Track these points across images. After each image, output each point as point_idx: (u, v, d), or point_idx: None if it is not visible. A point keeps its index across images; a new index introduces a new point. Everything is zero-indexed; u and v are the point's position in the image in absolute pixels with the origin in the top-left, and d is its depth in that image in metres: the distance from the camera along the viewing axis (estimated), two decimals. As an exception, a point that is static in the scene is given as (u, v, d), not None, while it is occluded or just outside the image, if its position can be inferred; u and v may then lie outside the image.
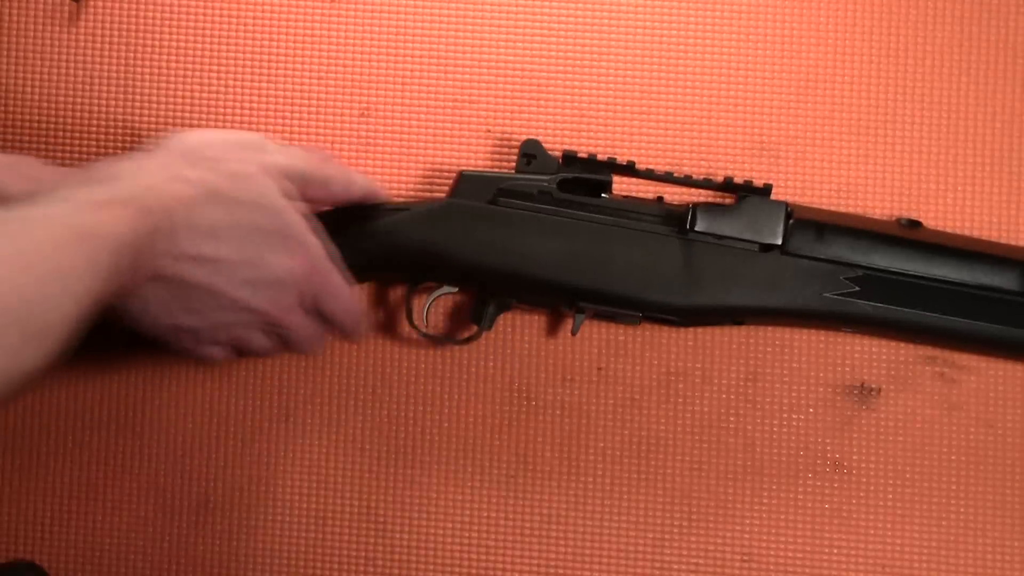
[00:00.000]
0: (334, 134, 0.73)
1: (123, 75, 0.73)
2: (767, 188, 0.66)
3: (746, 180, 0.66)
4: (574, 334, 0.67)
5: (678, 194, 0.69)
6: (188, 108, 0.73)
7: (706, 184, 0.66)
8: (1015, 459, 0.70)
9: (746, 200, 0.65)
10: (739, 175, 0.72)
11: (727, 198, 0.68)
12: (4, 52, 0.73)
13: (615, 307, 0.66)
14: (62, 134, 0.73)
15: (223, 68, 0.73)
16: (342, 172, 0.64)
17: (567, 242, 0.65)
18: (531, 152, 0.67)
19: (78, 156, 0.73)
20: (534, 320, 0.72)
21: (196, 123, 0.73)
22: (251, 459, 0.72)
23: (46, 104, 0.73)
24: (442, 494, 0.72)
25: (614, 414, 0.71)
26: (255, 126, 0.73)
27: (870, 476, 0.71)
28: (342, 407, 0.72)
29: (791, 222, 0.65)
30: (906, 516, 0.70)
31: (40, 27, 0.73)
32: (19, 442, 0.72)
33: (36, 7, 0.73)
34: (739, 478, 0.71)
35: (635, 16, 0.73)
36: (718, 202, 0.67)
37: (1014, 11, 0.72)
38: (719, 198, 0.68)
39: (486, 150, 0.72)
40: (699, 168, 0.72)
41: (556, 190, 0.66)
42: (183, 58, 0.73)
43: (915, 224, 0.68)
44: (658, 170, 0.66)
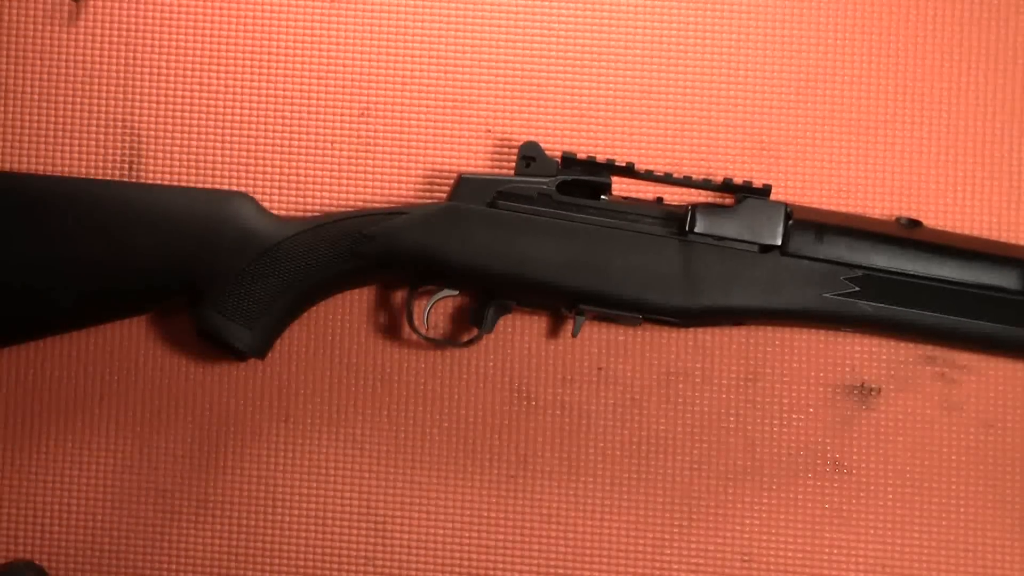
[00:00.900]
0: (334, 133, 0.73)
1: (122, 75, 0.73)
2: (766, 189, 0.66)
3: (745, 181, 0.66)
4: (575, 336, 0.67)
5: (678, 195, 0.69)
6: (187, 108, 0.73)
7: (705, 185, 0.66)
8: (1014, 459, 0.71)
9: (745, 201, 0.65)
10: (739, 175, 0.72)
11: (727, 199, 0.68)
12: (4, 51, 0.73)
13: (615, 309, 0.66)
14: (61, 133, 0.73)
15: (223, 68, 0.73)
16: None
17: (567, 245, 0.65)
18: (530, 154, 0.67)
19: (77, 155, 0.73)
20: (534, 320, 0.72)
21: (195, 122, 0.73)
22: (251, 459, 0.72)
23: (45, 103, 0.73)
24: (442, 494, 0.72)
25: (614, 414, 0.71)
26: (255, 125, 0.73)
27: (870, 476, 0.71)
28: (342, 407, 0.72)
29: (790, 223, 0.66)
30: (906, 515, 0.70)
31: (39, 27, 0.73)
32: (19, 442, 0.72)
33: (35, 7, 0.73)
34: (739, 478, 0.71)
35: (635, 16, 0.73)
36: (718, 203, 0.67)
37: (1013, 12, 0.72)
38: (719, 199, 0.68)
39: (486, 149, 0.72)
40: (699, 167, 0.72)
41: (556, 192, 0.66)
42: (182, 58, 0.73)
43: (915, 223, 0.68)
44: (657, 171, 0.66)
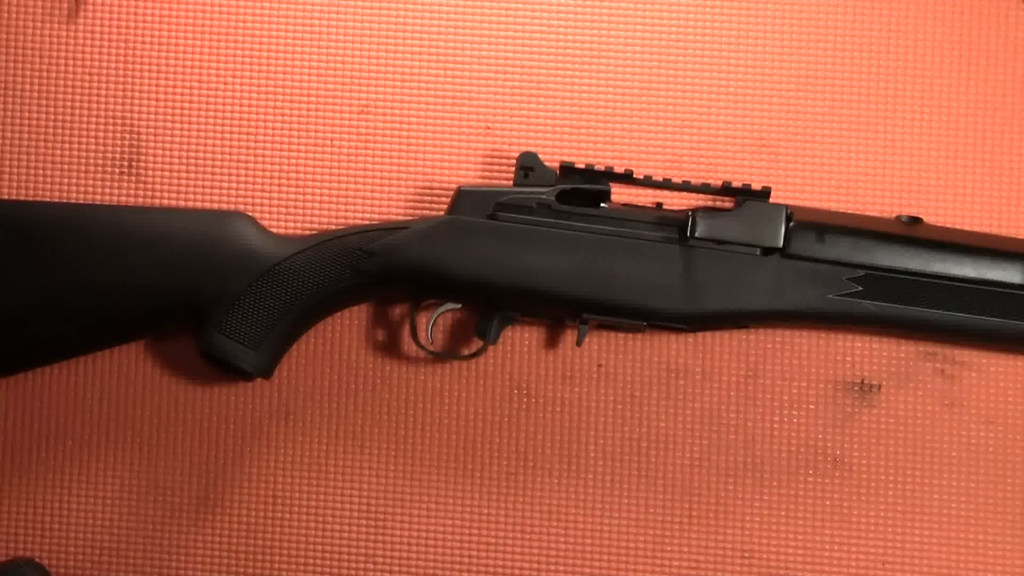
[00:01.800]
0: (333, 131, 0.73)
1: (122, 73, 0.73)
2: (766, 191, 0.65)
3: (744, 184, 0.66)
4: (579, 345, 0.67)
5: (678, 199, 0.69)
6: (186, 106, 0.73)
7: (704, 189, 0.66)
8: (1014, 455, 0.71)
9: (745, 204, 0.65)
10: (739, 173, 0.72)
11: (726, 202, 0.68)
12: (3, 50, 0.73)
13: (619, 317, 0.65)
14: (61, 132, 0.73)
15: (222, 66, 0.73)
16: None
17: (568, 254, 0.65)
18: (528, 165, 0.67)
19: (77, 155, 0.73)
20: (535, 322, 0.71)
21: (194, 121, 0.73)
22: (251, 457, 0.72)
23: (45, 102, 0.73)
24: (442, 491, 0.72)
25: (614, 411, 0.71)
26: (255, 124, 0.73)
27: (870, 472, 0.71)
28: (342, 405, 0.72)
29: (791, 225, 0.65)
30: (906, 512, 0.71)
31: (38, 25, 0.73)
32: (19, 441, 0.72)
33: (35, 6, 0.73)
34: (739, 475, 0.71)
35: (633, 14, 0.73)
36: (718, 207, 0.67)
37: (1014, 8, 0.72)
38: (718, 202, 0.68)
39: (485, 149, 0.72)
40: (699, 165, 0.72)
41: (555, 202, 0.66)
42: (181, 56, 0.73)
43: (916, 221, 0.68)
44: (656, 176, 0.66)
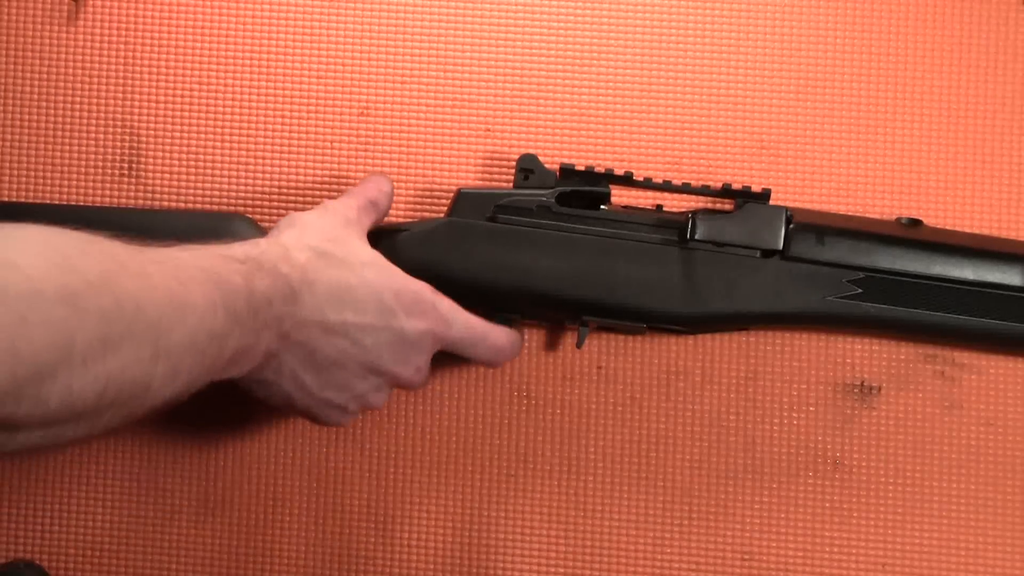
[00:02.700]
0: (333, 133, 0.73)
1: (122, 75, 0.73)
2: (766, 193, 0.65)
3: (744, 186, 0.66)
4: (579, 347, 0.67)
5: (678, 201, 0.69)
6: (186, 108, 0.73)
7: (704, 191, 0.66)
8: (1015, 458, 0.71)
9: (746, 207, 0.65)
10: (738, 175, 0.72)
11: (727, 204, 0.68)
12: (2, 52, 0.73)
13: (619, 319, 0.66)
14: (61, 133, 0.73)
15: (222, 67, 0.73)
16: (376, 183, 0.66)
17: (568, 257, 0.65)
18: (528, 167, 0.67)
19: (76, 157, 0.73)
20: (535, 324, 0.71)
21: (194, 123, 0.73)
22: (251, 458, 0.72)
23: (44, 104, 0.73)
24: (442, 493, 0.72)
25: (614, 413, 0.71)
26: (255, 126, 0.73)
27: (870, 475, 0.71)
28: (342, 406, 0.72)
29: (791, 227, 0.65)
30: (906, 515, 0.70)
31: (38, 27, 0.73)
32: (19, 442, 0.72)
33: (34, 6, 0.73)
34: (739, 477, 0.71)
35: (634, 18, 0.73)
36: (718, 208, 0.67)
37: (1014, 9, 0.72)
38: (718, 204, 0.68)
39: (485, 151, 0.72)
40: (698, 166, 0.72)
41: (555, 204, 0.66)
42: (181, 57, 0.73)
43: (916, 223, 0.68)
44: (656, 179, 0.66)
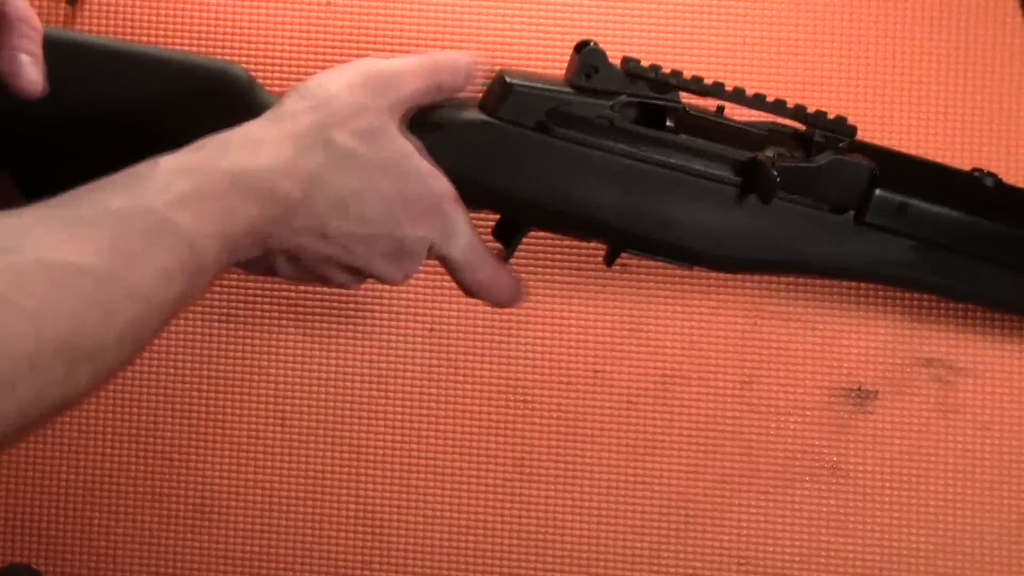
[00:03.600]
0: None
1: (118, 78, 0.73)
2: (844, 127, 0.58)
3: (819, 110, 0.58)
4: (610, 265, 0.61)
5: (741, 112, 0.60)
6: (183, 111, 0.73)
7: (779, 109, 0.58)
8: (1012, 462, 0.70)
9: (831, 161, 0.58)
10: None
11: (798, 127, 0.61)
12: None
13: (668, 258, 0.58)
14: (57, 137, 0.73)
15: (218, 71, 0.73)
16: (452, 63, 0.55)
17: (628, 188, 0.56)
18: (593, 63, 0.56)
19: (73, 160, 0.73)
20: (531, 322, 0.71)
21: (192, 126, 0.73)
22: (247, 463, 0.72)
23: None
24: (439, 497, 0.72)
25: (611, 417, 0.71)
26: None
27: (867, 479, 0.71)
28: (338, 410, 0.72)
29: (874, 191, 0.59)
30: (903, 519, 0.70)
31: (35, 30, 0.73)
32: (15, 446, 0.72)
33: (32, 7, 0.73)
34: (736, 482, 0.71)
35: (633, 20, 0.73)
36: (796, 157, 0.59)
37: (1011, 12, 0.72)
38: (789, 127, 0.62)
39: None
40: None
41: (619, 118, 0.56)
42: (178, 61, 0.73)
43: (991, 177, 0.63)
44: (727, 85, 0.58)
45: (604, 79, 0.55)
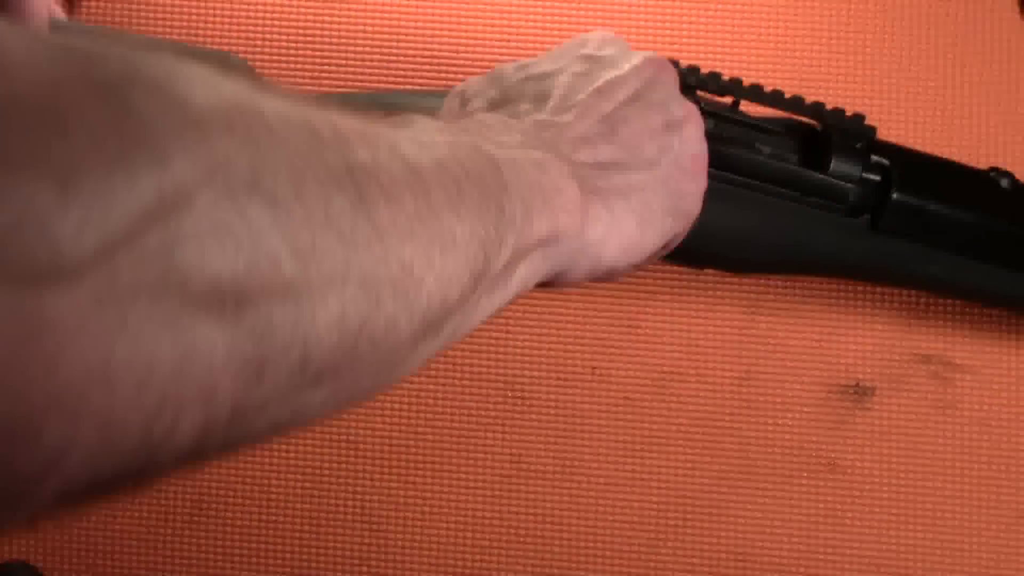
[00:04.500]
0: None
1: (116, 75, 0.73)
2: (861, 124, 0.59)
3: (838, 107, 0.58)
4: None
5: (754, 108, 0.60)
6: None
7: (795, 106, 0.58)
8: (1010, 458, 0.70)
9: (846, 166, 0.58)
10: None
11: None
12: None
13: (682, 261, 0.59)
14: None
15: (216, 68, 0.73)
16: None
17: None
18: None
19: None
20: (529, 320, 0.71)
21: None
22: (245, 460, 0.72)
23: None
24: (436, 494, 0.72)
25: (608, 414, 0.71)
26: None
27: (865, 476, 0.71)
28: (336, 407, 0.72)
29: (893, 196, 0.59)
30: (901, 516, 0.70)
31: (32, 27, 0.73)
32: (13, 443, 0.72)
33: (28, 7, 0.73)
34: (734, 478, 0.71)
35: (631, 21, 0.73)
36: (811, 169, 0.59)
37: (1010, 10, 0.72)
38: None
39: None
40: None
41: None
42: (176, 58, 0.73)
43: (1007, 176, 0.63)
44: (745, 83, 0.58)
45: None
